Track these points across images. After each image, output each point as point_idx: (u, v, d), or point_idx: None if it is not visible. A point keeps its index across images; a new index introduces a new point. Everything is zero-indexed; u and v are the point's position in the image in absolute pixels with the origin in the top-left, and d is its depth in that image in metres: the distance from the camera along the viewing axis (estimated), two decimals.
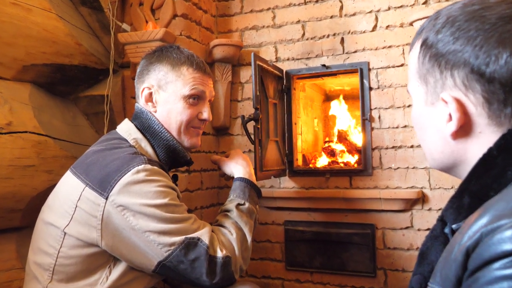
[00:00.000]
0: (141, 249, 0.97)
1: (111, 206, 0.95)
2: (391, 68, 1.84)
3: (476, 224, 0.49)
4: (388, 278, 1.82)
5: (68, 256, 0.98)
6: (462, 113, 0.57)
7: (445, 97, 0.58)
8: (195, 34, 1.96)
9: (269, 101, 1.80)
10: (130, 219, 0.95)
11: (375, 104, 1.86)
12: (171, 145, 1.15)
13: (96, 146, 1.12)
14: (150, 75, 1.17)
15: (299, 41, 2.00)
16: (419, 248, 1.86)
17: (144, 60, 1.22)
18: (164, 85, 1.15)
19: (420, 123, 0.67)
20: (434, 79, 0.60)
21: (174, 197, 1.03)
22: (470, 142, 0.59)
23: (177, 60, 1.16)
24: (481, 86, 0.55)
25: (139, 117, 1.17)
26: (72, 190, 1.00)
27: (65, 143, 1.71)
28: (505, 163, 0.54)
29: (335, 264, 1.88)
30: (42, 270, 1.00)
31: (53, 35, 1.62)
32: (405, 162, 1.80)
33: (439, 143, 0.63)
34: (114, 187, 0.96)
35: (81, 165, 1.06)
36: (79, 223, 0.97)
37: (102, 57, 1.86)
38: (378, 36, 1.87)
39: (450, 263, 0.51)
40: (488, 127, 0.57)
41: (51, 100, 1.75)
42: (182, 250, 0.97)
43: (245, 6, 2.12)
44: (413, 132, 1.80)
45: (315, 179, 1.94)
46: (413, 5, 1.82)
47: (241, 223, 1.16)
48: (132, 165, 0.98)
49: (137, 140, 1.13)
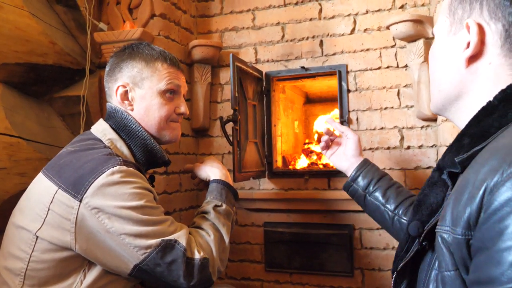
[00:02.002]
0: (117, 252, 0.94)
1: (85, 208, 0.92)
2: (369, 71, 1.85)
3: (491, 162, 0.50)
4: (365, 277, 1.82)
5: (40, 260, 0.94)
6: (479, 40, 0.62)
7: (470, 22, 0.63)
8: (174, 35, 1.92)
9: (248, 102, 1.78)
10: (105, 221, 0.92)
11: (353, 106, 1.86)
12: (148, 145, 1.12)
13: (70, 147, 1.08)
14: (123, 72, 1.13)
15: (279, 43, 1.98)
16: (395, 247, 1.86)
17: (114, 58, 1.17)
18: (140, 82, 1.12)
19: (438, 54, 0.71)
20: (463, 11, 0.65)
21: (151, 199, 1.00)
22: (479, 72, 0.64)
23: (150, 56, 1.13)
24: (504, 16, 0.60)
25: (113, 116, 1.13)
26: (44, 192, 0.96)
27: (39, 145, 1.64)
28: (506, 108, 0.58)
29: (314, 264, 1.88)
30: (12, 275, 0.96)
31: (26, 33, 1.55)
32: (382, 164, 1.81)
33: (450, 72, 0.68)
34: (88, 189, 0.92)
35: (53, 166, 1.01)
36: (51, 227, 0.93)
37: (78, 57, 1.79)
38: (356, 39, 1.87)
39: (463, 202, 0.52)
40: (498, 58, 0.61)
41: (24, 101, 1.68)
42: (159, 252, 0.94)
43: (225, 7, 2.09)
44: (390, 134, 1.81)
45: (294, 180, 1.93)
46: (390, 9, 1.83)
47: (219, 225, 1.14)
48: (107, 166, 0.95)
49: (112, 141, 1.09)
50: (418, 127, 1.78)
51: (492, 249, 0.47)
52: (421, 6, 1.79)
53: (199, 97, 2.00)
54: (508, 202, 0.46)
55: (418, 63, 1.69)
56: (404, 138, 1.79)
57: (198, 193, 2.11)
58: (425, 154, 1.76)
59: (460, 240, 0.53)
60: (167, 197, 1.84)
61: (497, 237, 0.47)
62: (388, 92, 1.82)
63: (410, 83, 1.78)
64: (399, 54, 1.81)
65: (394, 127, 1.81)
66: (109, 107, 1.16)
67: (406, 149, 1.79)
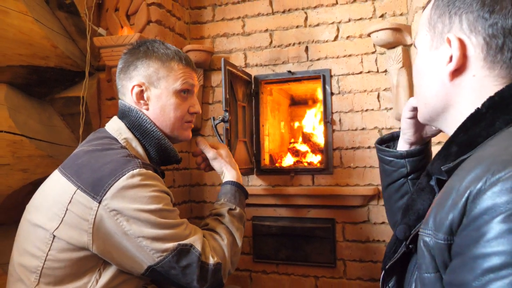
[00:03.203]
0: (132, 254, 0.92)
1: (104, 210, 0.90)
2: (351, 75, 1.93)
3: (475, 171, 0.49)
4: (347, 267, 1.90)
5: (57, 259, 0.92)
6: (462, 54, 0.61)
7: (450, 36, 0.62)
8: (169, 40, 1.99)
9: (238, 104, 1.85)
10: (124, 224, 0.90)
11: (336, 108, 1.94)
12: (162, 144, 1.10)
13: (86, 146, 1.04)
14: (139, 71, 1.09)
15: (267, 49, 2.06)
16: (375, 239, 1.93)
17: (128, 55, 1.12)
18: (156, 81, 1.09)
19: (421, 68, 0.70)
20: (442, 25, 0.64)
21: (168, 202, 0.98)
22: (463, 85, 0.62)
23: (166, 55, 1.10)
24: (484, 29, 0.59)
25: (128, 115, 1.09)
26: (62, 192, 0.94)
27: (41, 142, 1.70)
28: (493, 116, 0.57)
29: (299, 256, 1.95)
30: (28, 272, 0.94)
31: (29, 37, 1.62)
32: (363, 162, 1.89)
33: (435, 86, 0.66)
34: (108, 191, 0.90)
35: (71, 166, 0.98)
36: (69, 227, 0.91)
37: (78, 60, 1.86)
38: (339, 46, 1.95)
39: (446, 207, 0.52)
40: (482, 70, 0.60)
41: (27, 101, 1.74)
42: (175, 256, 0.93)
43: (216, 15, 2.16)
44: (370, 134, 1.89)
45: (281, 177, 2.01)
46: (371, 18, 1.91)
47: (233, 229, 1.12)
48: (127, 169, 0.92)
49: (128, 140, 1.07)
50: (396, 128, 1.86)
51: (467, 254, 0.47)
52: (400, 16, 1.87)
53: None
54: (488, 210, 0.45)
55: (397, 68, 1.77)
56: None
57: (190, 188, 2.18)
58: None
59: (442, 245, 0.52)
60: None
61: (473, 244, 0.46)
62: (368, 95, 1.90)
63: (389, 87, 1.87)
64: (379, 60, 1.89)
65: (374, 128, 1.89)
66: (123, 105, 1.12)
67: None
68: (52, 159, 1.72)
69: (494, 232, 0.44)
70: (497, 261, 0.43)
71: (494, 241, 0.44)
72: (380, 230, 1.86)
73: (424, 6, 1.61)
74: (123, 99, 1.13)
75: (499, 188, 0.45)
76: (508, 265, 0.42)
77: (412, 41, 1.75)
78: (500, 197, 0.45)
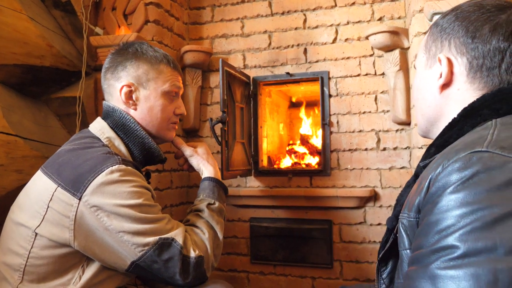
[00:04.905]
0: (115, 249, 0.91)
1: (84, 206, 0.89)
2: (349, 78, 1.88)
3: (438, 161, 0.58)
4: (343, 268, 1.85)
5: (40, 256, 0.91)
6: (449, 71, 0.71)
7: (441, 56, 0.72)
8: (167, 40, 1.91)
9: (236, 105, 1.78)
10: (104, 219, 0.90)
11: (334, 110, 1.89)
12: (146, 143, 1.09)
13: (68, 145, 1.03)
14: (129, 71, 1.08)
15: (266, 50, 2.00)
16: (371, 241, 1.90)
17: (116, 55, 1.11)
18: (145, 82, 1.08)
19: (419, 84, 0.81)
20: (435, 48, 0.75)
21: (149, 197, 0.98)
22: (450, 97, 0.73)
23: (155, 58, 1.10)
24: (468, 51, 0.69)
25: (111, 115, 1.08)
26: (43, 190, 0.93)
27: (36, 143, 1.62)
28: (464, 123, 0.67)
29: (296, 257, 1.90)
30: (12, 270, 0.93)
31: (24, 36, 1.53)
32: (360, 164, 1.84)
33: (429, 98, 0.77)
34: (87, 188, 0.89)
35: (52, 164, 0.98)
36: (51, 224, 0.90)
37: (74, 60, 1.77)
38: (338, 48, 1.89)
39: (416, 192, 0.61)
40: (464, 84, 0.70)
41: (21, 101, 1.65)
42: (156, 250, 0.92)
43: (215, 15, 2.09)
44: (368, 136, 1.84)
45: (278, 178, 1.95)
46: (369, 21, 1.86)
47: (213, 222, 1.12)
48: (106, 165, 0.92)
49: (110, 139, 1.05)
50: (393, 130, 1.81)
51: (424, 223, 0.54)
52: (398, 19, 1.83)
53: (190, 99, 2.00)
54: (441, 187, 0.53)
55: (394, 71, 1.73)
56: (381, 140, 1.83)
57: (188, 190, 2.11)
58: (399, 155, 1.80)
59: (412, 222, 0.61)
60: (159, 194, 1.84)
61: (429, 213, 0.54)
62: (366, 98, 1.85)
63: (387, 89, 1.82)
64: (377, 62, 1.84)
65: (372, 130, 1.84)
66: (107, 106, 1.11)
67: (382, 150, 1.82)
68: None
69: (444, 201, 0.52)
70: (446, 223, 0.50)
71: (445, 208, 0.51)
72: (376, 232, 1.81)
73: (421, 9, 1.57)
74: (109, 100, 1.12)
75: (450, 168, 0.54)
76: (455, 225, 0.49)
77: (409, 44, 1.71)
78: (450, 175, 0.53)
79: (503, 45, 0.66)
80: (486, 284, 0.44)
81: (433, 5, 1.47)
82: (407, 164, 1.79)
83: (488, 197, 0.48)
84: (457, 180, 0.52)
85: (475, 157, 0.53)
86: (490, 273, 0.44)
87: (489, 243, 0.45)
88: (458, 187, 0.51)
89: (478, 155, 0.53)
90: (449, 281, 0.46)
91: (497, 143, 0.54)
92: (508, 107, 0.64)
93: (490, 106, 0.65)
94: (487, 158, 0.52)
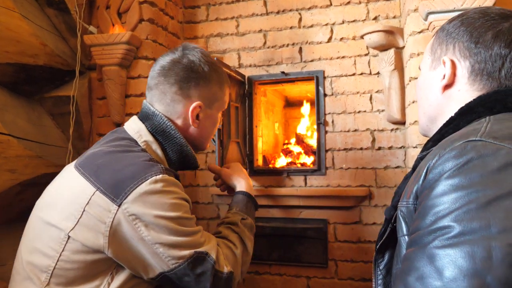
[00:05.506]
0: (146, 259, 0.88)
1: (122, 214, 0.85)
2: (344, 77, 1.87)
3: (435, 151, 0.62)
4: (338, 268, 1.85)
5: (70, 260, 0.87)
6: (452, 73, 0.75)
7: (445, 59, 0.76)
8: (161, 39, 1.89)
9: (231, 104, 1.77)
10: (142, 229, 0.86)
11: (329, 110, 1.88)
12: (185, 151, 1.06)
13: (105, 146, 0.98)
14: (200, 91, 1.06)
15: (261, 49, 1.98)
16: (366, 240, 1.89)
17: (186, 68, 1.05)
18: (211, 103, 1.09)
19: (422, 84, 0.85)
20: (440, 50, 0.79)
21: (187, 210, 0.95)
22: (451, 97, 0.77)
23: (222, 80, 1.12)
24: (471, 56, 0.73)
25: (151, 119, 1.04)
26: (79, 192, 0.88)
27: (30, 142, 1.60)
28: (460, 120, 0.71)
29: (291, 256, 1.89)
30: (38, 271, 0.88)
31: (16, 34, 1.51)
32: (355, 163, 1.83)
33: (431, 97, 0.81)
34: (129, 195, 0.85)
35: (90, 166, 0.92)
36: (85, 228, 0.86)
37: (68, 59, 1.75)
38: (333, 47, 1.88)
39: (415, 181, 0.64)
40: (465, 86, 0.74)
41: (15, 100, 1.63)
42: (190, 264, 0.90)
43: (210, 14, 2.07)
44: (362, 136, 1.84)
45: (274, 178, 1.94)
46: (364, 20, 1.85)
47: (245, 238, 1.11)
48: (150, 173, 0.88)
49: (148, 143, 1.02)
50: (388, 130, 1.81)
51: (422, 207, 0.57)
52: (393, 18, 1.81)
53: None
54: (437, 174, 0.57)
55: (389, 71, 1.72)
56: (376, 139, 1.82)
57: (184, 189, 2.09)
58: (394, 155, 1.79)
59: (410, 208, 0.64)
60: None
61: (426, 198, 0.56)
62: (361, 97, 1.84)
63: (382, 89, 1.81)
64: (372, 62, 1.83)
65: (367, 130, 1.83)
66: (147, 108, 1.06)
67: (377, 150, 1.82)
68: (42, 160, 1.62)
69: (441, 186, 0.55)
70: (443, 206, 0.53)
71: (441, 192, 0.54)
72: (371, 231, 1.80)
73: (416, 8, 1.56)
74: (153, 102, 1.06)
75: (446, 156, 0.57)
76: (451, 207, 0.52)
77: (404, 43, 1.70)
78: (446, 163, 0.56)
79: (504, 51, 0.70)
80: (480, 260, 0.47)
81: (428, 4, 1.46)
82: (402, 164, 1.78)
83: (482, 181, 0.52)
84: (453, 167, 0.55)
85: (469, 146, 0.56)
86: (485, 250, 0.47)
87: (483, 222, 0.48)
88: (454, 173, 0.54)
89: (472, 143, 0.57)
90: (446, 258, 0.49)
91: (490, 133, 0.58)
92: (501, 106, 0.67)
93: (485, 105, 0.69)
94: (481, 146, 0.55)
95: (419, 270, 0.51)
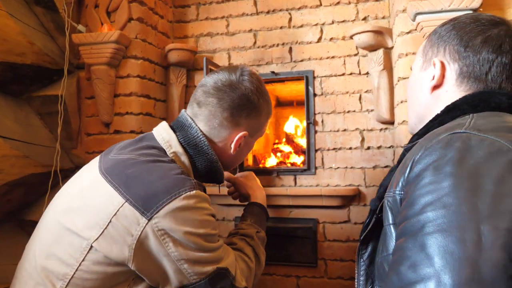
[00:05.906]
0: (167, 273, 0.87)
1: (151, 228, 0.82)
2: (333, 77, 1.87)
3: (421, 143, 0.64)
4: (328, 267, 1.85)
5: (90, 271, 0.84)
6: (441, 75, 0.78)
7: (435, 60, 0.79)
8: (151, 38, 1.88)
9: None
10: (169, 245, 0.84)
11: (319, 109, 1.88)
12: (214, 166, 1.05)
13: (134, 155, 0.94)
14: (249, 121, 1.06)
15: (251, 49, 1.98)
16: (355, 239, 1.89)
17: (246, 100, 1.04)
18: (255, 133, 1.11)
19: (413, 84, 0.88)
20: (432, 52, 0.82)
21: (214, 226, 0.93)
22: (439, 98, 0.79)
23: (269, 111, 1.13)
24: (460, 59, 0.76)
25: (186, 130, 1.02)
26: (107, 202, 0.85)
27: (17, 142, 1.58)
28: (445, 116, 0.73)
29: (281, 256, 1.89)
30: (54, 278, 0.85)
31: (3, 32, 1.49)
32: (344, 163, 1.84)
33: (420, 97, 0.84)
34: (161, 210, 0.83)
35: (119, 175, 0.88)
36: (110, 239, 0.83)
37: (56, 58, 1.74)
38: (323, 47, 1.88)
39: (401, 172, 0.65)
40: (453, 87, 0.77)
41: (1, 99, 1.61)
42: (211, 280, 0.90)
43: (200, 14, 2.07)
44: (352, 136, 1.84)
45: (264, 177, 1.94)
46: (354, 21, 1.85)
47: (259, 252, 1.11)
48: (184, 188, 0.86)
49: (177, 154, 0.99)
50: (377, 130, 1.81)
51: (409, 197, 0.58)
52: (382, 19, 1.82)
53: (175, 98, 1.98)
54: (424, 165, 0.58)
55: (378, 71, 1.73)
56: (365, 139, 1.83)
57: None
58: (383, 154, 1.80)
59: (396, 198, 0.66)
60: None
61: (413, 189, 0.58)
62: (350, 97, 1.85)
63: (371, 89, 1.82)
64: (361, 62, 1.84)
65: (356, 129, 1.84)
66: (184, 119, 1.04)
67: (366, 149, 1.82)
68: (29, 160, 1.60)
69: (428, 176, 0.56)
70: (431, 194, 0.54)
71: (428, 181, 0.56)
72: (360, 230, 1.80)
73: (404, 9, 1.57)
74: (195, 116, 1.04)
75: (433, 148, 0.59)
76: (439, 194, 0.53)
77: (393, 44, 1.70)
78: (433, 153, 0.58)
79: (491, 56, 0.73)
80: (471, 244, 0.48)
81: (416, 5, 1.47)
82: (391, 163, 1.78)
83: (468, 169, 0.53)
84: (440, 157, 0.57)
85: (454, 137, 0.59)
86: (475, 234, 0.48)
87: (472, 207, 0.50)
88: (441, 162, 0.56)
89: (457, 135, 0.59)
90: (436, 245, 0.50)
91: (474, 127, 0.61)
92: (485, 105, 0.70)
93: (470, 103, 0.72)
94: (466, 137, 0.58)
95: (411, 258, 0.52)
